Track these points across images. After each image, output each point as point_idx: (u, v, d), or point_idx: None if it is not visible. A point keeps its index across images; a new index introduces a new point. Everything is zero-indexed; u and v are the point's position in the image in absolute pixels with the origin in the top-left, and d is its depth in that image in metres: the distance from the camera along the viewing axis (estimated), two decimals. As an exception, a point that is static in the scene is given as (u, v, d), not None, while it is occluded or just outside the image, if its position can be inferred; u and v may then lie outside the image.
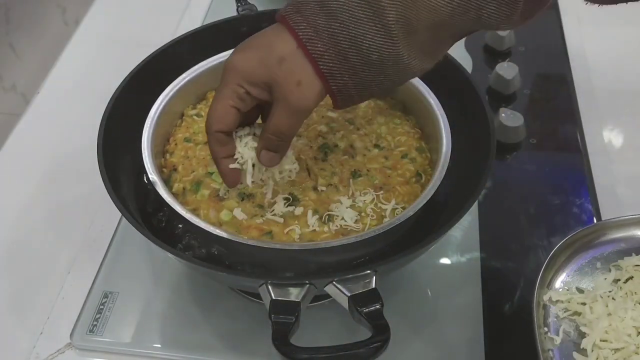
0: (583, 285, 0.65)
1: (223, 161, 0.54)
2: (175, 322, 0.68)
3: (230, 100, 0.51)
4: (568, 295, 0.63)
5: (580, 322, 0.62)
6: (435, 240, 0.57)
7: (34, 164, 0.84)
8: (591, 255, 0.67)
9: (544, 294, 0.63)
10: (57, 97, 0.94)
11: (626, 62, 0.95)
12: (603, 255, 0.67)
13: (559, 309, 0.63)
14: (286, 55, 0.48)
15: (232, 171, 0.55)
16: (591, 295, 0.63)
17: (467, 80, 0.68)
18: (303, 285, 0.53)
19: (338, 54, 0.48)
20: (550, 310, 0.63)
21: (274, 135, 0.52)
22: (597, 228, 0.68)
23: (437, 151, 0.66)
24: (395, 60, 0.49)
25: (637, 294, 0.63)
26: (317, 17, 0.48)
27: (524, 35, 0.97)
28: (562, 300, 0.63)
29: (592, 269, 0.66)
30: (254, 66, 0.49)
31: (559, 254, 0.65)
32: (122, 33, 1.04)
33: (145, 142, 0.65)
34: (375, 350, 0.50)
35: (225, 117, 0.51)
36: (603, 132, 0.86)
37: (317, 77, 0.49)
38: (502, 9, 0.49)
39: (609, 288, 0.64)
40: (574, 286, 0.64)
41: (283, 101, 0.50)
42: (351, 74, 0.49)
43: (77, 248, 0.74)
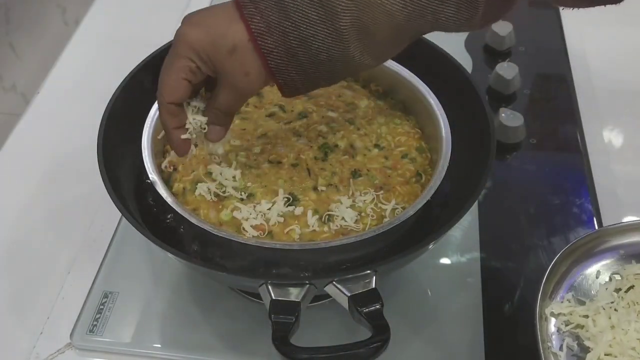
0: (584, 296, 0.64)
1: (174, 132, 0.56)
2: (175, 322, 0.68)
3: (182, 73, 0.52)
4: (570, 308, 0.62)
5: (584, 335, 0.61)
6: (435, 240, 0.57)
7: (34, 164, 0.84)
8: (591, 263, 0.66)
9: (546, 307, 0.62)
10: (57, 97, 0.94)
11: (626, 62, 0.95)
12: (603, 263, 0.66)
13: (560, 322, 0.62)
14: (237, 46, 0.49)
15: (183, 141, 0.57)
16: (593, 307, 0.62)
17: (467, 80, 0.68)
18: (303, 285, 0.53)
19: (287, 52, 0.49)
20: (552, 323, 0.62)
21: (220, 110, 0.55)
22: (597, 235, 0.67)
23: (437, 151, 0.66)
24: (345, 61, 0.51)
25: (639, 304, 0.62)
26: (270, 12, 0.49)
27: (524, 35, 0.97)
28: (564, 313, 0.62)
29: (593, 278, 0.65)
30: (206, 47, 0.50)
31: (559, 263, 0.64)
32: (122, 33, 1.04)
33: (145, 142, 0.65)
34: (375, 350, 0.50)
35: (178, 89, 0.53)
36: (603, 132, 0.86)
37: (265, 70, 0.51)
38: (461, 12, 0.49)
39: (611, 299, 0.63)
40: (575, 297, 0.64)
41: (230, 86, 0.52)
42: (299, 71, 0.51)
43: (77, 248, 0.74)
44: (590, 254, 0.66)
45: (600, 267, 0.66)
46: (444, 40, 0.73)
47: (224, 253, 0.62)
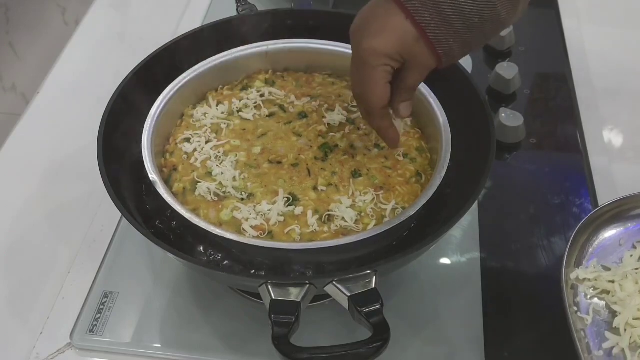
0: (608, 263, 0.64)
1: (390, 130, 0.63)
2: (175, 322, 0.68)
3: (384, 80, 0.58)
4: (596, 274, 0.62)
5: (610, 300, 0.61)
6: (435, 240, 0.57)
7: (34, 164, 0.84)
8: (614, 232, 0.66)
9: (571, 273, 0.62)
10: (57, 97, 0.94)
11: (626, 62, 0.95)
12: (626, 232, 0.66)
13: (587, 288, 0.62)
14: (421, 36, 0.55)
15: (397, 133, 0.63)
16: (620, 273, 0.62)
17: (467, 80, 0.68)
18: (303, 285, 0.53)
19: (443, 22, 0.54)
20: (579, 289, 0.62)
21: (411, 89, 0.60)
22: (619, 204, 0.67)
23: (437, 151, 0.66)
24: (494, 20, 0.54)
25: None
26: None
27: (524, 35, 0.97)
28: (589, 278, 0.62)
29: (616, 246, 0.65)
30: (396, 47, 0.55)
31: (582, 231, 0.64)
32: (122, 33, 1.04)
33: (145, 142, 0.65)
34: (375, 350, 0.50)
35: (385, 94, 0.59)
36: (603, 132, 0.86)
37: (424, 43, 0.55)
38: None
39: (636, 265, 0.63)
40: (600, 264, 0.64)
41: (418, 67, 0.57)
42: (455, 38, 0.55)
43: (77, 248, 0.74)
44: (612, 222, 0.66)
45: (623, 234, 0.66)
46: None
47: (224, 253, 0.62)
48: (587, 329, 0.59)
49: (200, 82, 0.73)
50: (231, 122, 0.70)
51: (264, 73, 0.76)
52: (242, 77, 0.75)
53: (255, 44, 0.75)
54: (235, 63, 0.74)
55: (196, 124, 0.70)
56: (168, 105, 0.69)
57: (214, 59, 0.73)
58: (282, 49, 0.75)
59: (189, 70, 0.72)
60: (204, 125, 0.70)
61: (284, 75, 0.76)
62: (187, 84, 0.71)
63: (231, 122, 0.71)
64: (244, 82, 0.75)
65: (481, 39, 0.57)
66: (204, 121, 0.70)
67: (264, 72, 0.76)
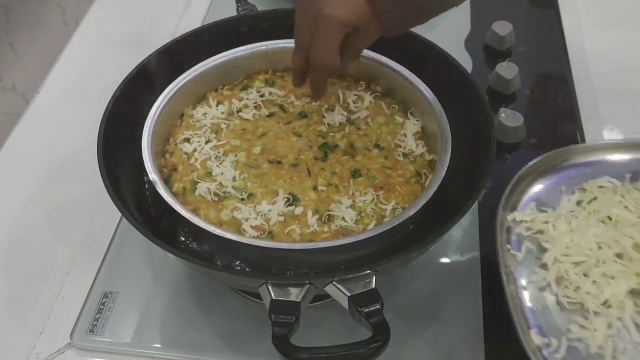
0: (547, 207, 0.66)
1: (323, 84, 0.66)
2: (175, 322, 0.68)
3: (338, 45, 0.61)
4: (532, 215, 0.64)
5: (543, 239, 0.63)
6: (435, 240, 0.57)
7: (34, 164, 0.84)
8: (556, 179, 0.68)
9: (508, 215, 0.64)
10: (57, 97, 0.94)
11: (626, 62, 0.95)
12: (568, 178, 0.68)
13: (522, 228, 0.64)
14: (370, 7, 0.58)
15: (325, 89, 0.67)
16: (554, 215, 0.64)
17: (467, 80, 0.68)
18: (303, 285, 0.53)
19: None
20: (514, 230, 0.64)
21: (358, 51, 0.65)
22: (562, 153, 0.68)
23: (437, 151, 0.66)
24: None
25: (600, 213, 0.64)
26: None
27: (524, 35, 0.97)
28: (526, 220, 0.64)
29: (557, 192, 0.66)
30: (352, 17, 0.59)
31: (523, 177, 0.66)
32: (122, 33, 1.04)
33: (145, 142, 0.65)
34: (375, 350, 0.50)
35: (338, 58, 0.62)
36: (603, 132, 0.86)
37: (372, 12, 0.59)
38: None
39: (573, 208, 0.65)
40: (539, 208, 0.65)
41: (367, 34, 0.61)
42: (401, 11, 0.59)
43: (77, 248, 0.74)
44: (555, 170, 0.68)
45: (565, 182, 0.68)
46: (444, 40, 0.73)
47: (224, 253, 0.62)
48: (517, 265, 0.62)
49: (200, 82, 0.73)
50: (231, 122, 0.70)
51: (264, 73, 0.76)
52: (242, 77, 0.76)
53: (255, 44, 0.75)
54: (235, 63, 0.74)
55: (196, 124, 0.70)
56: (168, 105, 0.69)
57: (214, 59, 0.73)
58: (282, 49, 0.75)
59: (189, 70, 0.72)
60: (204, 125, 0.70)
61: (284, 75, 0.76)
62: (187, 84, 0.71)
63: (231, 122, 0.71)
64: (244, 82, 0.75)
65: (425, 15, 0.61)
66: (204, 121, 0.70)
67: (264, 72, 0.76)
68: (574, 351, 0.57)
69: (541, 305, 0.60)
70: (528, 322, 0.59)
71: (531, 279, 0.61)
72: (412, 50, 0.71)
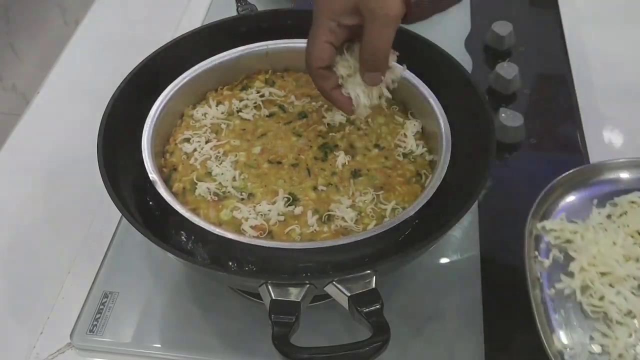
0: (577, 219, 0.66)
1: (333, 92, 0.61)
2: (175, 322, 0.68)
3: (324, 37, 0.56)
4: (561, 225, 0.65)
5: (570, 248, 0.63)
6: (435, 240, 0.57)
7: (34, 164, 0.84)
8: (588, 192, 0.68)
9: (537, 224, 0.65)
10: (57, 97, 0.94)
11: (626, 62, 0.95)
12: (600, 193, 0.68)
13: (551, 237, 0.64)
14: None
15: (345, 98, 0.61)
16: (584, 226, 0.64)
17: (467, 80, 0.68)
18: (303, 285, 0.53)
19: None
20: (543, 239, 0.65)
21: (372, 54, 0.56)
22: (596, 167, 0.69)
23: (437, 151, 0.66)
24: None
25: (629, 227, 0.64)
26: None
27: (524, 35, 0.97)
28: (555, 229, 0.65)
29: (588, 204, 0.67)
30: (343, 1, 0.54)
31: (555, 187, 0.66)
32: (122, 33, 1.04)
33: (145, 142, 0.65)
34: (375, 350, 0.50)
35: (324, 53, 0.57)
36: (603, 132, 0.86)
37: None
38: None
39: (602, 220, 0.65)
40: (568, 219, 0.66)
41: (373, 16, 0.53)
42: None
43: (77, 248, 0.74)
44: (589, 184, 0.68)
45: (597, 196, 0.68)
46: (444, 40, 0.73)
47: (224, 253, 0.62)
48: (544, 272, 0.62)
49: (200, 82, 0.73)
50: (231, 122, 0.70)
51: (264, 73, 0.76)
52: (242, 77, 0.76)
53: (255, 44, 0.75)
54: (235, 63, 0.74)
55: (196, 124, 0.70)
56: (168, 105, 0.69)
57: (214, 59, 0.73)
58: (282, 49, 0.75)
59: (189, 70, 0.72)
60: (204, 125, 0.70)
61: (284, 75, 0.76)
62: (187, 84, 0.71)
63: (231, 122, 0.71)
64: (243, 82, 0.75)
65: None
66: (204, 121, 0.70)
67: (264, 72, 0.76)
68: (594, 358, 0.58)
69: (565, 312, 0.60)
70: (551, 327, 0.59)
71: (556, 286, 0.61)
72: (413, 50, 0.71)
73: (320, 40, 0.56)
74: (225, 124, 0.70)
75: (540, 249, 0.64)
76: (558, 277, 0.62)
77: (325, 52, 0.57)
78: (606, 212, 0.66)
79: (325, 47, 0.57)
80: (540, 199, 0.65)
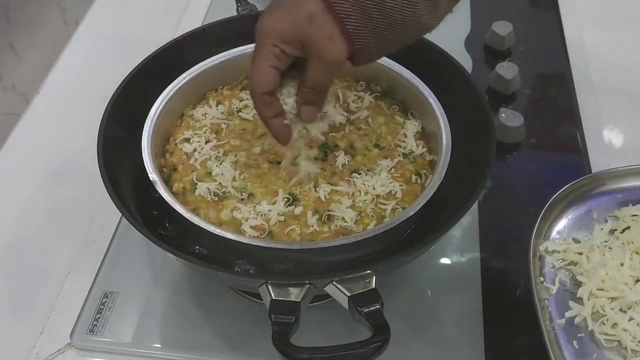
0: (579, 236, 0.64)
1: (272, 121, 0.57)
2: (175, 322, 0.68)
3: (269, 61, 0.53)
4: (564, 246, 0.63)
5: (577, 271, 0.61)
6: (435, 240, 0.57)
7: (34, 164, 0.84)
8: (587, 206, 0.66)
9: (540, 245, 0.63)
10: (57, 97, 0.94)
11: (626, 62, 0.95)
12: (599, 206, 0.66)
13: (555, 259, 0.62)
14: (315, 14, 0.50)
15: (284, 128, 0.58)
16: (588, 245, 0.62)
17: (467, 80, 0.68)
18: (303, 285, 0.53)
19: (363, 14, 0.50)
20: (546, 260, 0.63)
21: (312, 88, 0.55)
22: (593, 179, 0.67)
23: (437, 151, 0.66)
24: (416, 20, 0.51)
25: (634, 244, 0.62)
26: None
27: (524, 35, 0.97)
28: (558, 250, 0.63)
29: (589, 219, 0.65)
30: (285, 25, 0.51)
31: (555, 204, 0.64)
32: (122, 33, 1.04)
33: (145, 142, 0.65)
34: (375, 350, 0.50)
35: (267, 78, 0.54)
36: (603, 132, 0.86)
37: (343, 35, 0.51)
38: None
39: (606, 238, 0.63)
40: (571, 237, 0.64)
41: (317, 56, 0.52)
42: (374, 34, 0.51)
43: (77, 248, 0.74)
44: (586, 197, 0.66)
45: (597, 209, 0.66)
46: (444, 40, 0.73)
47: (223, 253, 0.62)
48: (552, 299, 0.60)
49: (200, 82, 0.73)
50: (231, 122, 0.70)
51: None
52: (242, 77, 0.75)
53: (255, 44, 0.75)
54: (235, 63, 0.74)
55: (196, 124, 0.70)
56: (168, 105, 0.69)
57: (214, 59, 0.73)
58: (282, 49, 0.75)
59: (189, 70, 0.72)
60: (204, 125, 0.70)
61: (284, 75, 0.76)
62: (187, 84, 0.71)
63: (231, 122, 0.71)
64: (243, 82, 0.75)
65: (401, 39, 0.54)
66: (204, 121, 0.70)
67: (264, 72, 0.76)
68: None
69: (578, 342, 0.58)
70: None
71: (566, 315, 0.59)
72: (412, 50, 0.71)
73: (264, 65, 0.53)
74: (225, 124, 0.70)
75: (544, 274, 0.62)
76: (566, 303, 0.60)
77: (270, 76, 0.54)
78: (608, 227, 0.64)
79: (270, 71, 0.54)
80: (540, 217, 0.63)
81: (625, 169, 0.68)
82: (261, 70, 0.53)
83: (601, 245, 0.62)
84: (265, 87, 0.55)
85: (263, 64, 0.53)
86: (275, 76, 0.54)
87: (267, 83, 0.54)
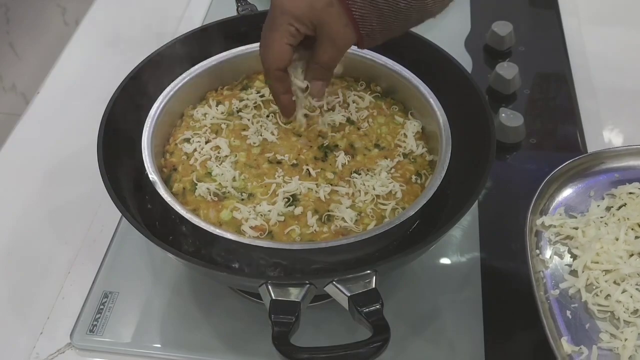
0: (576, 212, 0.66)
1: (282, 97, 0.62)
2: (175, 322, 0.68)
3: (285, 39, 0.56)
4: (561, 220, 0.64)
5: (572, 245, 0.63)
6: (435, 240, 0.57)
7: (34, 164, 0.84)
8: (585, 184, 0.68)
9: (537, 220, 0.64)
10: (57, 97, 0.94)
11: (626, 62, 0.95)
12: (597, 184, 0.67)
13: (551, 234, 0.64)
14: (333, 0, 0.54)
15: (291, 104, 0.63)
16: (584, 220, 0.64)
17: (467, 80, 0.68)
18: (303, 285, 0.53)
19: (371, 1, 0.53)
20: (543, 235, 0.64)
21: (322, 65, 0.59)
22: (591, 158, 0.68)
23: (437, 151, 0.66)
24: (419, 8, 0.54)
25: (629, 220, 0.64)
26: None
27: (524, 35, 0.97)
28: (554, 225, 0.64)
29: (586, 197, 0.66)
30: (303, 7, 0.55)
31: (552, 181, 0.66)
32: (122, 33, 1.04)
33: (145, 142, 0.65)
34: (375, 350, 0.50)
35: (283, 55, 0.58)
36: (603, 132, 0.86)
37: (350, 21, 0.55)
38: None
39: (602, 214, 0.64)
40: (567, 213, 0.65)
41: (330, 39, 0.56)
42: (379, 20, 0.55)
43: (77, 248, 0.74)
44: (583, 175, 0.68)
45: (594, 187, 0.67)
46: (444, 40, 0.73)
47: (224, 253, 0.62)
48: (547, 271, 0.62)
49: (200, 82, 0.73)
50: (231, 123, 0.70)
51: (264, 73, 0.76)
52: (242, 77, 0.75)
53: (255, 44, 0.74)
54: (235, 63, 0.74)
55: (196, 124, 0.70)
56: (168, 105, 0.69)
57: (214, 59, 0.73)
58: (282, 49, 0.75)
59: (189, 70, 0.72)
60: (204, 125, 0.70)
61: (284, 75, 0.76)
62: (187, 84, 0.71)
63: (231, 122, 0.71)
64: (243, 82, 0.75)
65: (404, 25, 0.56)
66: (204, 121, 0.70)
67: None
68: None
69: (571, 313, 0.59)
70: (559, 330, 0.58)
71: (561, 286, 0.61)
72: (412, 50, 0.71)
73: (281, 42, 0.56)
74: (225, 124, 0.70)
75: (540, 247, 0.63)
76: (561, 275, 0.61)
77: (285, 53, 0.58)
78: (605, 205, 0.65)
79: (285, 48, 0.57)
80: (537, 194, 0.64)
81: (623, 148, 0.69)
82: (279, 47, 0.57)
83: (597, 220, 0.64)
84: (281, 62, 0.58)
85: (280, 41, 0.56)
86: (290, 53, 0.58)
87: (283, 59, 0.58)
